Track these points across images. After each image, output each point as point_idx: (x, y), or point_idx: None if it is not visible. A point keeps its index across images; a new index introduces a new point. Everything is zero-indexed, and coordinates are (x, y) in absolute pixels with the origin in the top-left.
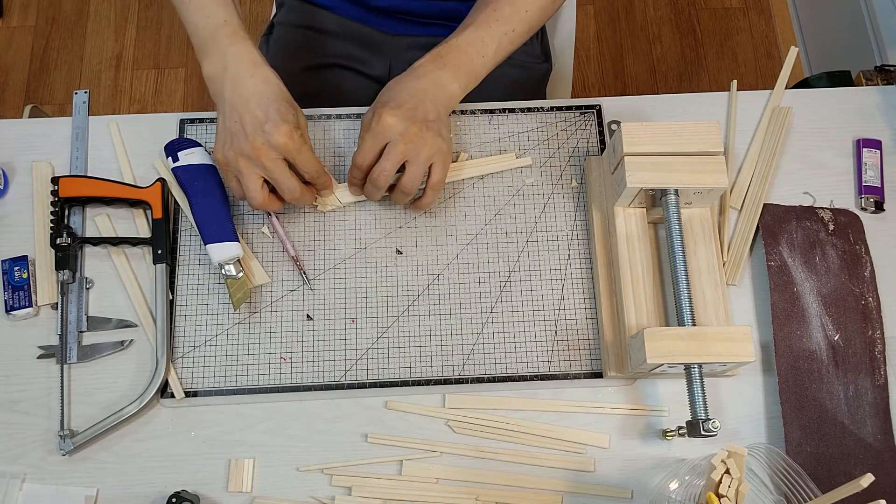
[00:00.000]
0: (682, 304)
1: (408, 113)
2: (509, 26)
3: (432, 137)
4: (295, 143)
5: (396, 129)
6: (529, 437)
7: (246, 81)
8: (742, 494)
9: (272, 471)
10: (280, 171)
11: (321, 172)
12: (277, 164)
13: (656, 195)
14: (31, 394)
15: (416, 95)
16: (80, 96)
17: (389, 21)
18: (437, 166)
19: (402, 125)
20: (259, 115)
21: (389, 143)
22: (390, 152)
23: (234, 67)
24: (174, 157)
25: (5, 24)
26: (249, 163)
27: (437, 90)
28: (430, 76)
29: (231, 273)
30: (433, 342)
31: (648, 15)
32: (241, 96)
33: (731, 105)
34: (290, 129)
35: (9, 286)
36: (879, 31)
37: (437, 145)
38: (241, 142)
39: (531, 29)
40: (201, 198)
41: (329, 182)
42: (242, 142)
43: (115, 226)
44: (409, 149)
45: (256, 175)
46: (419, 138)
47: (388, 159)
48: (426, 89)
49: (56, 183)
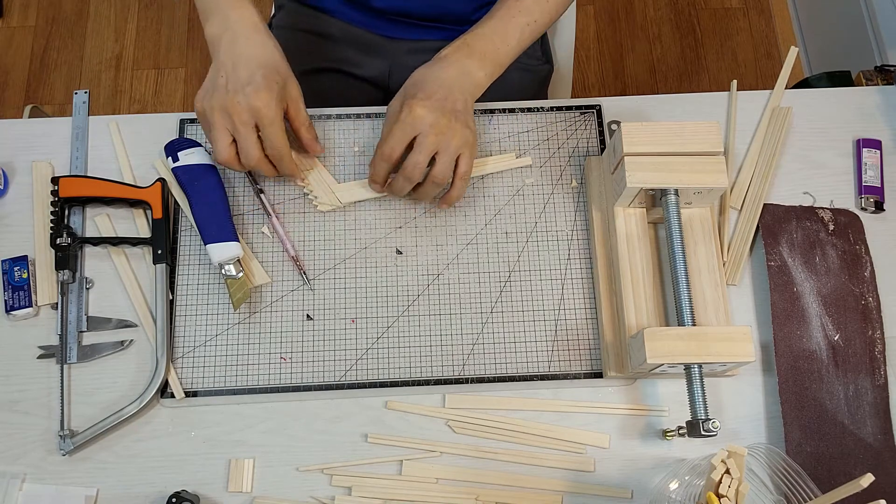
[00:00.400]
0: (682, 304)
1: (437, 104)
2: (531, 17)
3: (461, 128)
4: (269, 112)
5: (427, 121)
6: (529, 437)
7: (241, 42)
8: (742, 494)
9: (272, 471)
10: (245, 135)
11: (284, 155)
12: (246, 127)
13: (656, 195)
14: (31, 394)
15: (445, 85)
16: (80, 96)
17: (389, 24)
18: (465, 157)
19: (432, 116)
20: (244, 76)
21: (420, 134)
22: (422, 144)
23: (234, 28)
24: (174, 157)
25: (5, 24)
26: (223, 118)
27: (465, 79)
28: (458, 65)
29: (231, 273)
30: (433, 342)
31: (648, 15)
32: (233, 55)
33: (731, 105)
34: (269, 99)
35: (9, 286)
36: (879, 31)
37: (465, 136)
38: (222, 96)
39: (551, 20)
40: (201, 198)
41: (293, 170)
42: (223, 96)
43: (115, 226)
44: (439, 140)
45: (226, 131)
46: (449, 129)
47: (421, 152)
48: (454, 78)
49: (56, 183)
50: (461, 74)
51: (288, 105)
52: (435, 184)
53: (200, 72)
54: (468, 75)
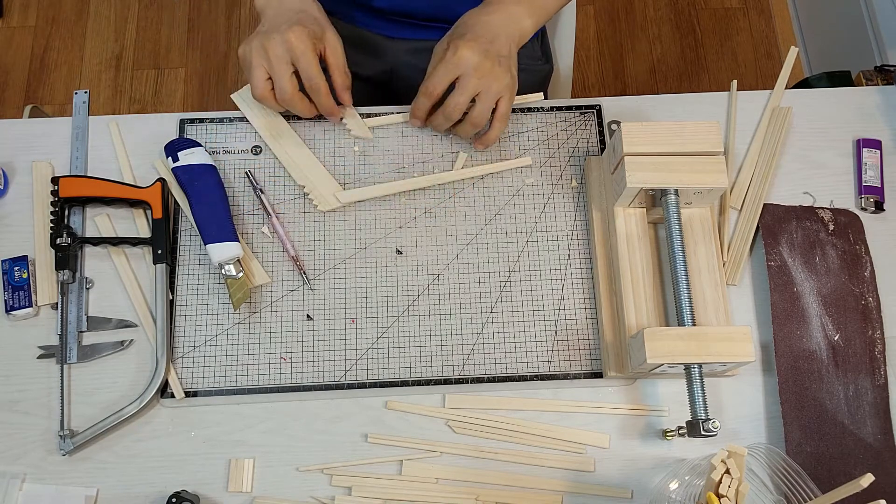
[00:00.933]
0: (682, 304)
1: (483, 46)
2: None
3: (503, 73)
4: (300, 44)
5: (471, 63)
6: (529, 438)
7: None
8: (742, 494)
9: (272, 471)
10: (279, 69)
11: (320, 87)
12: (280, 61)
13: (656, 195)
14: (31, 394)
15: (492, 29)
16: (80, 96)
17: (390, 24)
18: (505, 100)
19: (476, 58)
20: (282, 21)
21: (463, 75)
22: (464, 85)
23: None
24: (174, 157)
25: (5, 24)
26: (259, 55)
27: (512, 25)
28: (506, 10)
29: (231, 273)
30: (433, 342)
31: (648, 15)
32: (278, 8)
33: (731, 105)
34: (301, 32)
35: (9, 286)
36: (879, 31)
37: (506, 81)
38: (260, 37)
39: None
40: (201, 198)
41: (331, 106)
42: (261, 37)
43: (114, 226)
44: (481, 83)
45: (262, 67)
46: (491, 73)
47: (462, 92)
48: (502, 23)
49: (56, 183)
50: (509, 20)
51: (326, 49)
52: (473, 125)
53: (200, 72)
54: (515, 22)
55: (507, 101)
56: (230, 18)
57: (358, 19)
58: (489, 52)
